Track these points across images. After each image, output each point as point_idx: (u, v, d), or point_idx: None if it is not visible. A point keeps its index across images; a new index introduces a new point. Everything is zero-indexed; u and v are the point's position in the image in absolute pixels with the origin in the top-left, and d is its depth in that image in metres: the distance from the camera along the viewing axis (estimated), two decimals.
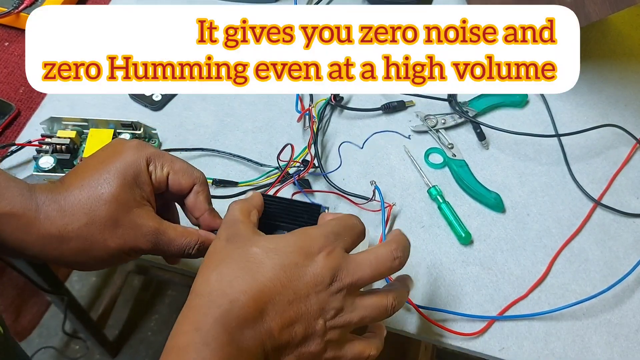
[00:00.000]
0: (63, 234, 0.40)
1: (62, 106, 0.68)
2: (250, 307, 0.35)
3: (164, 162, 0.44)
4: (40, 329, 1.36)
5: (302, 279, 0.37)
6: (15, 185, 0.40)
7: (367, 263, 0.39)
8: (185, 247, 0.43)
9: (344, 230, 0.40)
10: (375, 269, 0.39)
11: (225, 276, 0.37)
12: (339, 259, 0.38)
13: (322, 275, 0.37)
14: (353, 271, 0.38)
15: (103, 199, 0.40)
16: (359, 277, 0.38)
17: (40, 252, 0.40)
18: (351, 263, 0.39)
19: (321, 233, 0.39)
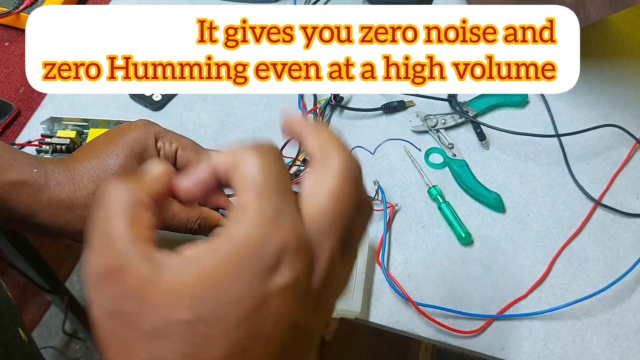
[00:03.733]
0: (72, 199, 0.41)
1: (62, 106, 0.68)
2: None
3: (172, 139, 0.46)
4: (40, 329, 1.36)
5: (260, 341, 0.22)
6: (23, 156, 0.42)
7: (332, 229, 0.25)
8: (187, 221, 0.44)
9: (283, 192, 0.24)
10: (342, 227, 0.25)
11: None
12: (303, 258, 0.23)
13: (287, 320, 0.23)
14: (324, 270, 0.24)
15: (111, 169, 0.42)
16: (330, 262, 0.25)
17: (48, 218, 0.41)
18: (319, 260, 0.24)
19: (269, 234, 0.23)
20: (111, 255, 0.22)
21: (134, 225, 0.23)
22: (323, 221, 0.24)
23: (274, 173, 0.24)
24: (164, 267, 0.22)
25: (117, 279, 0.22)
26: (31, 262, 0.88)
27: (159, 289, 0.21)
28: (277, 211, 0.23)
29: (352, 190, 0.25)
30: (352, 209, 0.25)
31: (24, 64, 0.71)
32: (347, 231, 0.25)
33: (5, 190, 0.40)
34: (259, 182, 0.24)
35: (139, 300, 0.21)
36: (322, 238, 0.24)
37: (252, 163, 0.24)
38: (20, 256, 0.85)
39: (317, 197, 0.25)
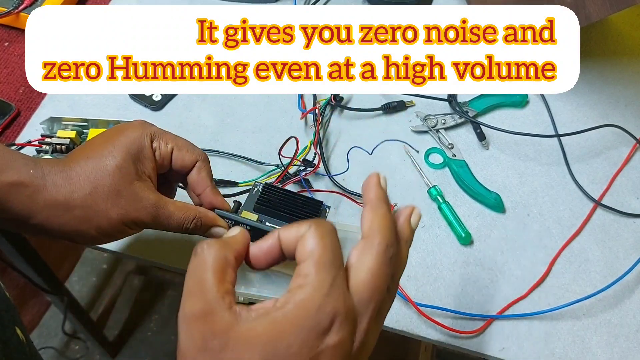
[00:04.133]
0: (69, 200, 0.41)
1: (62, 106, 0.68)
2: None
3: (168, 139, 0.46)
4: (40, 329, 1.36)
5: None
6: (20, 157, 0.42)
7: (367, 299, 0.30)
8: (183, 221, 0.44)
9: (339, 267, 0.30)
10: (376, 297, 0.31)
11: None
12: (350, 324, 0.29)
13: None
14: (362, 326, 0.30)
15: (107, 170, 0.42)
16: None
17: (46, 219, 0.41)
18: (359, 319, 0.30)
19: (325, 301, 0.28)
20: (203, 301, 0.29)
21: (222, 281, 0.30)
22: (364, 294, 0.30)
23: (330, 248, 0.30)
24: (242, 317, 0.29)
25: (207, 321, 0.28)
26: (31, 262, 0.88)
27: (238, 333, 0.28)
28: (332, 282, 0.29)
29: (387, 271, 0.31)
30: (385, 286, 0.31)
31: (23, 64, 0.71)
32: (380, 304, 0.31)
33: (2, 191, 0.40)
34: (319, 255, 0.29)
35: (223, 340, 0.28)
36: (363, 308, 0.30)
37: (313, 237, 0.30)
38: (19, 256, 0.85)
39: (360, 272, 0.30)
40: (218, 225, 0.46)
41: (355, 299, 0.30)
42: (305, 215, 0.47)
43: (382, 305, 0.31)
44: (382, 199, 0.33)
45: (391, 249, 0.31)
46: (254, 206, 0.48)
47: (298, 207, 0.47)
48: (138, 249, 0.58)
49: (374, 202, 0.33)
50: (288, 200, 0.48)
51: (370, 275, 0.30)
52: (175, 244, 0.58)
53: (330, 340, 0.28)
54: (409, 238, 0.34)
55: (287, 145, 0.59)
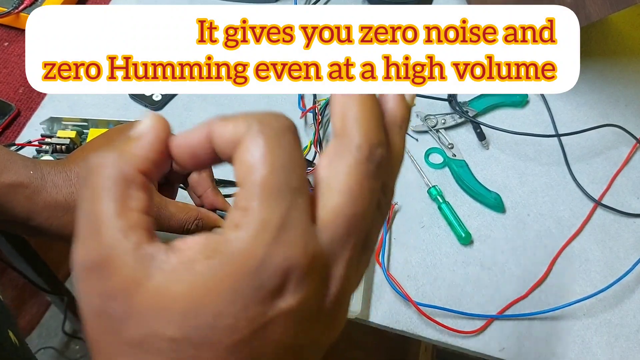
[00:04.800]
0: (69, 201, 0.41)
1: (62, 106, 0.68)
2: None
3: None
4: (40, 329, 1.36)
5: None
6: (19, 158, 0.42)
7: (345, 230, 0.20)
8: (184, 222, 0.44)
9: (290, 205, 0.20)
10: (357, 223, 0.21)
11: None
12: (315, 278, 0.20)
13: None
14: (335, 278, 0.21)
15: None
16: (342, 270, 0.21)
17: (45, 220, 0.41)
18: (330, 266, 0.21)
19: (272, 250, 0.19)
20: (98, 245, 0.20)
21: (123, 210, 0.20)
22: (338, 228, 0.20)
23: (285, 165, 0.20)
24: (155, 263, 0.19)
25: (104, 274, 0.19)
26: (30, 262, 0.88)
27: (146, 293, 0.19)
28: (284, 219, 0.19)
29: (373, 187, 0.21)
30: (372, 210, 0.21)
31: (23, 64, 0.71)
32: (365, 234, 0.21)
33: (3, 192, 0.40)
34: (265, 178, 0.19)
35: (124, 303, 0.19)
36: (338, 249, 0.20)
37: (258, 148, 0.20)
38: (19, 257, 0.85)
39: (332, 194, 0.20)
40: (219, 227, 0.46)
41: (325, 237, 0.20)
42: None
43: (368, 234, 0.22)
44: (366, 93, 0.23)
45: (378, 150, 0.21)
46: None
47: None
48: None
49: (351, 94, 0.23)
50: None
51: (348, 196, 0.20)
52: None
53: (283, 304, 0.19)
54: (405, 120, 0.24)
55: None
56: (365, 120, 0.21)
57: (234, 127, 0.21)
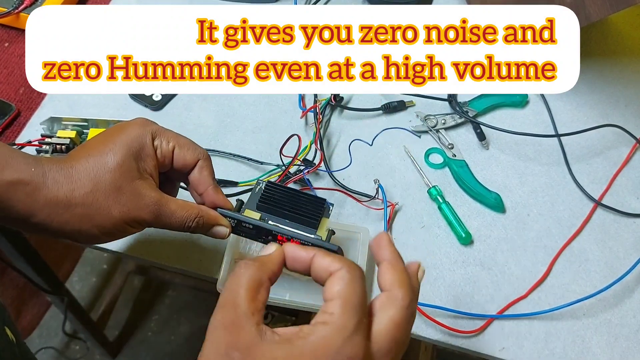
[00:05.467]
0: (70, 198, 0.41)
1: (62, 106, 0.68)
2: None
3: (170, 137, 0.46)
4: (40, 329, 1.36)
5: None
6: (20, 155, 0.42)
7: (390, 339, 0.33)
8: (185, 219, 0.44)
9: (361, 314, 0.32)
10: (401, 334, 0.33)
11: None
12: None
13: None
14: None
15: (108, 167, 0.42)
16: None
17: (46, 218, 0.41)
18: None
19: (346, 343, 0.31)
20: (234, 314, 0.31)
21: (254, 299, 0.32)
22: (384, 344, 0.32)
23: (359, 293, 0.32)
24: (266, 336, 0.31)
25: (234, 332, 0.31)
26: (31, 262, 0.88)
27: (260, 352, 0.30)
28: (355, 326, 0.30)
29: (407, 325, 0.33)
30: (405, 339, 0.33)
31: (23, 64, 0.71)
32: (397, 356, 0.32)
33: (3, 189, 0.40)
34: (347, 297, 0.31)
35: (245, 354, 0.30)
36: (381, 358, 0.31)
37: (344, 279, 0.32)
38: (19, 257, 0.85)
39: (383, 322, 0.32)
40: (220, 224, 0.46)
41: (374, 348, 0.31)
42: (309, 214, 0.46)
43: (401, 352, 0.33)
44: (399, 257, 0.36)
45: (413, 304, 0.34)
46: (257, 204, 0.48)
47: (301, 205, 0.47)
48: (138, 249, 0.58)
49: (393, 258, 0.35)
50: (291, 198, 0.47)
51: (393, 326, 0.32)
52: (176, 244, 0.58)
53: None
54: (418, 294, 0.36)
55: (289, 144, 0.59)
56: (407, 284, 0.34)
57: (330, 262, 0.34)
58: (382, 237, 0.37)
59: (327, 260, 0.34)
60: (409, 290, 0.34)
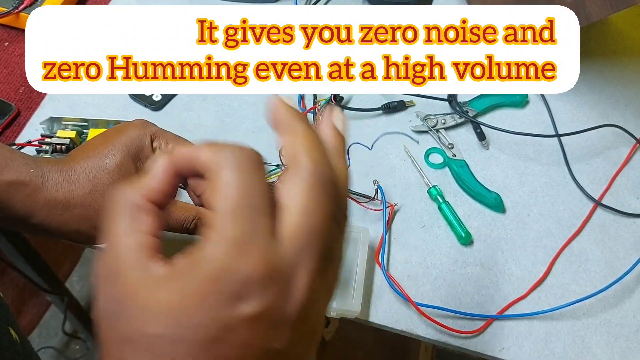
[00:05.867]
0: (69, 199, 0.41)
1: (62, 106, 0.68)
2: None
3: (169, 139, 0.46)
4: (40, 329, 1.36)
5: None
6: (20, 156, 0.42)
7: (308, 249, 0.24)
8: (183, 220, 0.45)
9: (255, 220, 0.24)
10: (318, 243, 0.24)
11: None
12: (275, 286, 0.23)
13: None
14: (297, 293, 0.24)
15: (107, 169, 0.42)
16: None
17: (45, 218, 0.41)
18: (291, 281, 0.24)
19: (235, 262, 0.22)
20: (113, 258, 0.24)
21: (133, 231, 0.24)
22: (297, 241, 0.24)
23: (250, 188, 0.23)
24: (153, 278, 0.23)
25: (112, 281, 0.24)
26: (31, 262, 0.88)
27: (141, 300, 0.23)
28: (247, 235, 0.23)
29: (325, 202, 0.24)
30: (328, 222, 0.24)
31: (23, 64, 0.71)
32: (325, 247, 0.24)
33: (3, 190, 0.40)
34: (232, 200, 0.23)
35: (124, 306, 0.23)
36: (299, 260, 0.23)
37: (228, 174, 0.24)
38: (20, 256, 0.85)
39: (290, 213, 0.24)
40: None
41: (285, 250, 0.23)
42: None
43: (328, 245, 0.25)
44: (296, 116, 0.28)
45: (324, 169, 0.25)
46: None
47: None
48: None
49: (288, 121, 0.28)
50: None
51: (304, 213, 0.24)
52: (175, 244, 0.58)
53: (247, 309, 0.22)
54: (341, 145, 0.28)
55: None
56: (310, 149, 0.25)
57: (210, 154, 0.25)
58: (275, 100, 0.29)
59: (207, 152, 0.25)
60: (314, 154, 0.25)
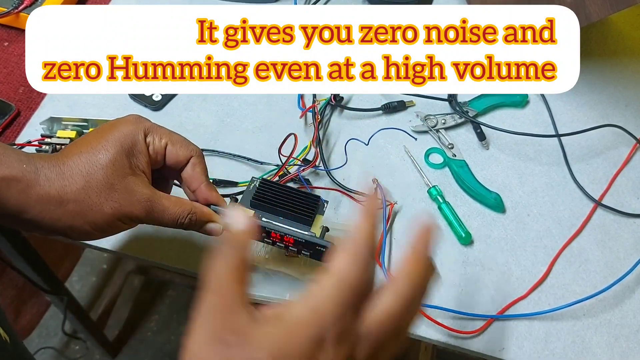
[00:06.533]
0: (62, 195, 0.41)
1: (62, 106, 0.68)
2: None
3: (162, 134, 0.46)
4: (40, 329, 1.36)
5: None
6: (12, 152, 0.42)
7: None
8: (178, 216, 0.44)
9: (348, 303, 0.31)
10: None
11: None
12: (347, 346, 0.30)
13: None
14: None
15: (100, 164, 0.42)
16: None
17: (38, 214, 0.41)
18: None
19: (335, 317, 0.30)
20: (226, 298, 0.30)
21: (242, 282, 0.31)
22: (372, 328, 0.30)
23: (359, 273, 0.31)
24: (258, 322, 0.30)
25: (228, 316, 0.30)
26: (30, 262, 0.88)
27: (253, 335, 0.29)
28: (350, 304, 0.30)
29: (403, 317, 0.32)
30: (395, 330, 0.31)
31: (23, 64, 0.71)
32: (382, 344, 0.31)
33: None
34: (344, 275, 0.31)
35: (240, 336, 0.29)
36: (365, 340, 0.30)
37: (341, 258, 0.33)
38: (19, 256, 0.85)
39: (377, 308, 0.31)
40: (213, 221, 0.46)
41: (363, 329, 0.30)
42: (303, 211, 0.46)
43: (384, 345, 0.31)
44: (423, 248, 0.36)
45: (412, 295, 0.33)
46: (250, 202, 0.48)
47: (295, 203, 0.47)
48: (138, 249, 0.58)
49: (415, 249, 0.36)
50: (285, 195, 0.47)
51: (384, 315, 0.31)
52: (175, 244, 0.58)
53: (327, 354, 0.29)
54: (424, 288, 0.36)
55: (287, 143, 0.59)
56: (407, 275, 0.35)
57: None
58: (427, 229, 0.36)
59: None
60: (410, 280, 0.33)
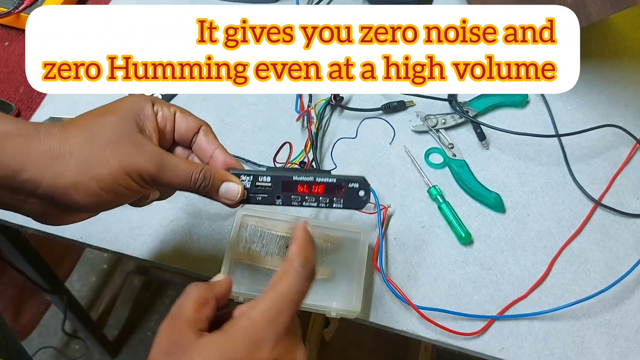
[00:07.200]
0: (64, 147, 0.38)
1: (62, 106, 0.68)
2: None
3: (170, 105, 0.44)
4: (40, 328, 1.36)
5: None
6: (10, 116, 0.40)
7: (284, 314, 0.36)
8: (191, 172, 0.41)
9: (292, 310, 0.37)
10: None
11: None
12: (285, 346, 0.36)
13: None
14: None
15: (106, 123, 0.40)
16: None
17: (38, 172, 0.38)
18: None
19: (271, 328, 0.36)
20: (179, 321, 0.36)
21: (199, 312, 0.36)
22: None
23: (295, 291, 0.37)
24: (205, 342, 0.35)
25: (176, 334, 0.35)
26: (31, 261, 0.88)
27: (195, 352, 0.34)
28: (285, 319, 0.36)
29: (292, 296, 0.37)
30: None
31: (23, 63, 0.71)
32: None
33: None
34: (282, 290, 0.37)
35: (183, 351, 0.34)
36: None
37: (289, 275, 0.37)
38: (19, 255, 0.85)
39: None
40: (231, 180, 0.43)
41: None
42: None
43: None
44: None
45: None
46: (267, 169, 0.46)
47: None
48: (138, 249, 0.58)
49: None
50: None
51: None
52: (175, 244, 0.58)
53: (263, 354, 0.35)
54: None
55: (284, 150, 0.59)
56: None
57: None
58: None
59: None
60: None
